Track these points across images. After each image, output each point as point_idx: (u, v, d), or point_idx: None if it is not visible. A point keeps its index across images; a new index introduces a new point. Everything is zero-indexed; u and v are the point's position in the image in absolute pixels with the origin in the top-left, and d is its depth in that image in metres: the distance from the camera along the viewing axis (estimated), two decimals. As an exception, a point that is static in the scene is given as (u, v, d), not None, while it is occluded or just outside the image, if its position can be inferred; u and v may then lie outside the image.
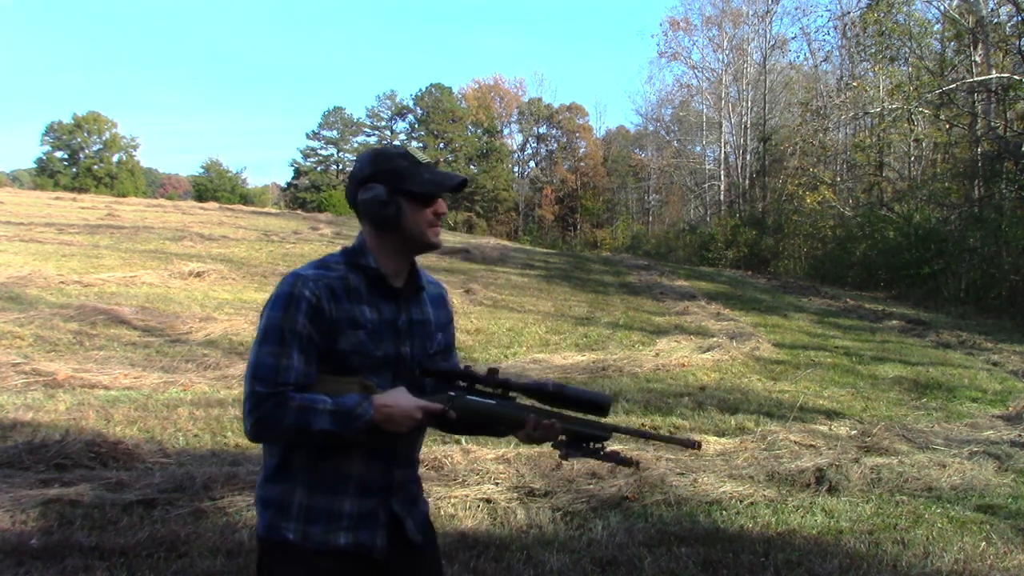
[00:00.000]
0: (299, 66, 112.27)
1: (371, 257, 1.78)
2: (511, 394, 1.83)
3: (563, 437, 1.82)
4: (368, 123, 57.27)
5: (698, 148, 40.15)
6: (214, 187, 53.03)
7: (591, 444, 1.81)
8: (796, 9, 48.88)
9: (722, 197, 35.35)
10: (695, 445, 1.87)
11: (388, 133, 57.18)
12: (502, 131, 57.89)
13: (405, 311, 1.81)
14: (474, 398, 1.81)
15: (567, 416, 1.82)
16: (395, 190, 1.75)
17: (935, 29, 20.45)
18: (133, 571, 3.22)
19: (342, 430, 1.64)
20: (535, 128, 57.42)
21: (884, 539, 3.94)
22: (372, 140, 56.57)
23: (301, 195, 52.90)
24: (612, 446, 1.83)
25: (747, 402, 6.80)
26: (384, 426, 1.68)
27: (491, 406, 1.81)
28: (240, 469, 4.27)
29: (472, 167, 54.03)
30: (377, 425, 1.67)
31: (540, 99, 57.50)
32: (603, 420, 1.82)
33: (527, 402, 1.83)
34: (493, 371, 1.83)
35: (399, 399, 1.69)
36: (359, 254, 1.79)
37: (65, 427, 4.91)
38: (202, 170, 56.95)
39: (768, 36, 33.22)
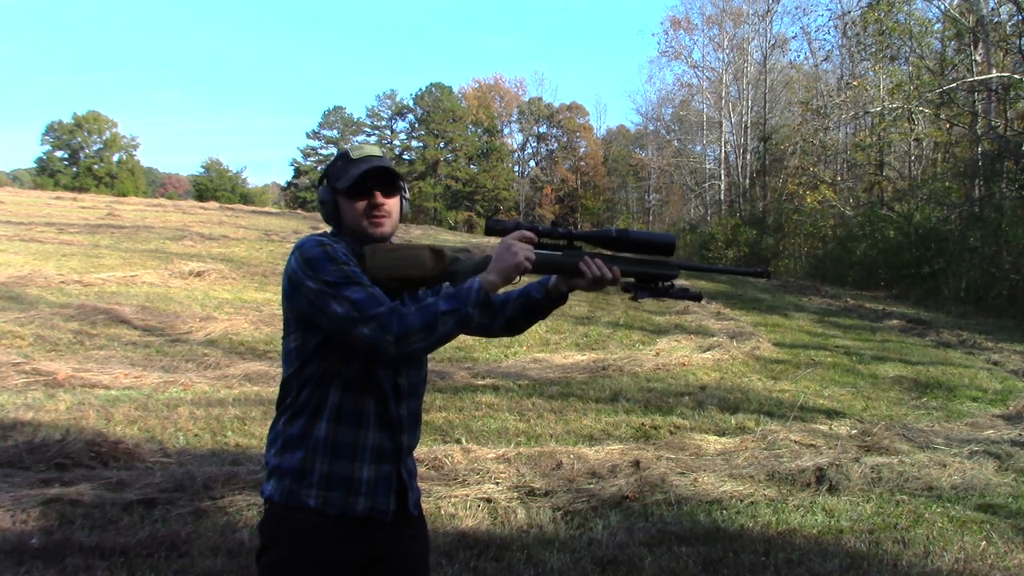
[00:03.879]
0: (299, 66, 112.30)
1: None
2: (576, 244, 1.91)
3: (631, 279, 1.89)
4: (368, 123, 57.33)
5: (698, 147, 40.12)
6: (214, 187, 53.09)
7: (659, 284, 1.90)
8: (796, 8, 48.96)
9: (722, 196, 35.30)
10: (765, 274, 2.00)
11: (388, 132, 57.24)
12: (502, 131, 57.89)
13: None
14: (541, 251, 1.88)
15: (634, 259, 1.89)
16: (332, 190, 1.88)
17: (935, 28, 20.39)
18: (133, 570, 3.22)
19: (463, 305, 1.73)
20: (535, 127, 57.40)
21: (884, 538, 3.94)
22: (372, 139, 56.56)
23: (301, 194, 52.89)
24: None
25: (747, 401, 6.80)
26: (505, 283, 1.80)
27: (555, 255, 1.89)
28: (240, 469, 4.27)
29: (472, 167, 54.05)
30: (493, 287, 1.78)
31: (540, 98, 57.54)
32: (669, 259, 1.90)
33: (595, 252, 1.90)
34: (556, 224, 1.92)
35: (500, 264, 1.79)
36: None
37: (65, 427, 4.92)
38: (202, 170, 57.12)
39: (768, 35, 33.22)
